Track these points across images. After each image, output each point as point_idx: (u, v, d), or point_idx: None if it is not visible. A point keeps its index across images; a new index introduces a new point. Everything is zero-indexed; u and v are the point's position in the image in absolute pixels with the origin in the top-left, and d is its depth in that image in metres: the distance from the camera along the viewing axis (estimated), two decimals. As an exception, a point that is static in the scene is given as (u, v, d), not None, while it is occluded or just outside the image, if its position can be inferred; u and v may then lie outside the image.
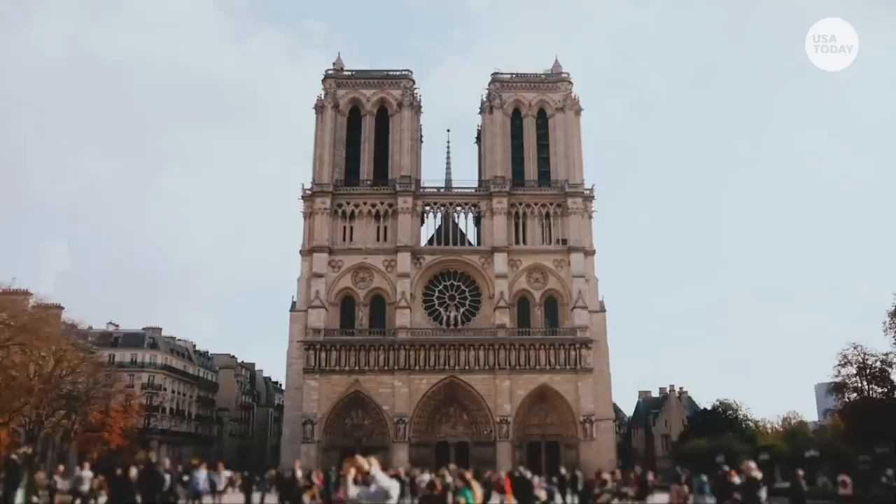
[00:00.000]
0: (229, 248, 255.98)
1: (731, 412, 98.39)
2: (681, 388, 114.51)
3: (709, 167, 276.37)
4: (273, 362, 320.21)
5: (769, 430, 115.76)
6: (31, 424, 61.13)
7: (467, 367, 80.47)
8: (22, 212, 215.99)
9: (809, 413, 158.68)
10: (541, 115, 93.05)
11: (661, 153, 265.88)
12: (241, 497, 39.43)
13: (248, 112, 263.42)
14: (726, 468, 29.48)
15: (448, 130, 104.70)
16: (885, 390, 62.58)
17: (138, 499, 26.36)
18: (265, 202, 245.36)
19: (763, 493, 24.59)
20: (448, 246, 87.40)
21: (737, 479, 26.29)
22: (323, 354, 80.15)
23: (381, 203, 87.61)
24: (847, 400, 65.38)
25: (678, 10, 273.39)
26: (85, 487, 33.09)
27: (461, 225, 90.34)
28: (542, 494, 34.72)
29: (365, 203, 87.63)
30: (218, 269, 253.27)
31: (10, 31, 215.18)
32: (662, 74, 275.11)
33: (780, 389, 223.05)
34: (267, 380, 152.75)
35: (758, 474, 24.35)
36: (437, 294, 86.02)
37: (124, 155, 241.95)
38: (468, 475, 19.78)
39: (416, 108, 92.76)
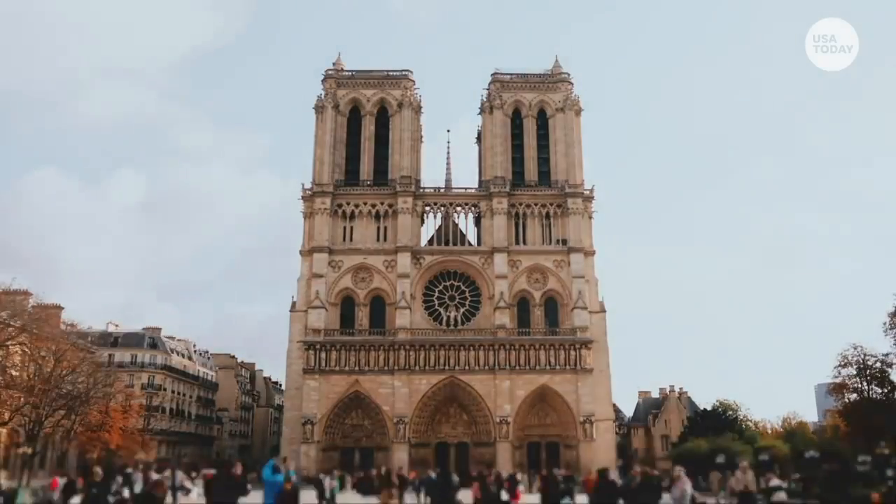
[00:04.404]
0: (230, 247, 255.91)
1: (730, 412, 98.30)
2: (681, 389, 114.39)
3: (709, 167, 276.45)
4: (273, 362, 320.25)
5: (769, 431, 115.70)
6: (31, 424, 61.03)
7: (467, 368, 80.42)
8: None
9: (809, 414, 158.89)
10: (541, 115, 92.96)
11: (661, 154, 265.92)
12: None
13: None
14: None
15: (448, 130, 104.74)
16: (885, 391, 62.52)
17: None
18: (266, 201, 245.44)
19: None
20: (448, 246, 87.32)
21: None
22: (323, 354, 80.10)
23: (381, 203, 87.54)
24: (847, 400, 65.32)
25: (678, 10, 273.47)
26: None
27: (461, 225, 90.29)
28: None
29: (365, 203, 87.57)
30: (218, 270, 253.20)
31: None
32: (663, 74, 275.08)
33: (780, 390, 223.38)
34: (267, 380, 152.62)
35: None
36: (437, 294, 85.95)
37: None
38: None
39: (416, 108, 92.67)
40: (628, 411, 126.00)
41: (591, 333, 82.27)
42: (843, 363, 63.54)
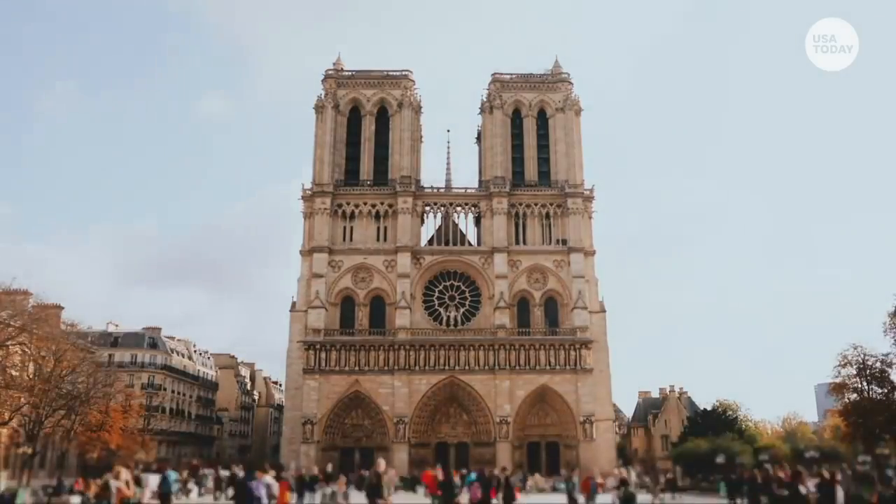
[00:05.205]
0: (229, 247, 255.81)
1: (730, 412, 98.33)
2: (681, 389, 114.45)
3: (709, 167, 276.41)
4: (273, 362, 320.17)
5: (769, 431, 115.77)
6: (30, 424, 60.99)
7: (467, 368, 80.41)
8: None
9: (809, 413, 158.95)
10: (541, 115, 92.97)
11: (661, 154, 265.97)
12: None
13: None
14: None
15: (448, 130, 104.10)
16: (885, 391, 62.37)
17: None
18: (266, 201, 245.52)
19: None
20: (448, 246, 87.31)
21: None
22: (323, 354, 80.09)
23: (381, 203, 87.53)
24: (847, 400, 65.17)
25: (678, 10, 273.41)
26: None
27: (461, 225, 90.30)
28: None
29: (365, 203, 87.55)
30: (218, 269, 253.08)
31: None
32: (662, 74, 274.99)
33: (780, 390, 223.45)
34: (267, 380, 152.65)
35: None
36: (437, 294, 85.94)
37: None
38: None
39: (416, 108, 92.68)
40: (628, 411, 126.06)
41: (591, 333, 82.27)
42: (843, 363, 63.34)
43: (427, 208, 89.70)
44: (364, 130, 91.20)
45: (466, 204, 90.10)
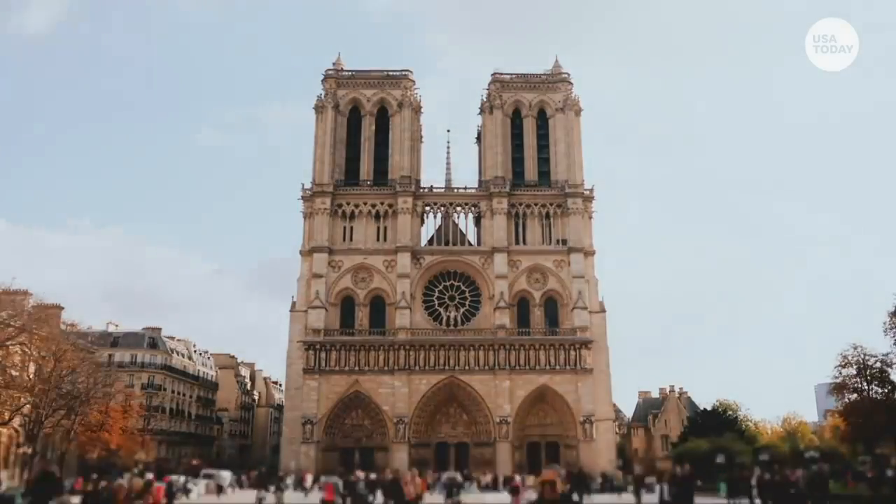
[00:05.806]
0: (229, 247, 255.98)
1: (730, 412, 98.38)
2: (681, 389, 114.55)
3: (709, 167, 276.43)
4: (273, 362, 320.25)
5: (769, 431, 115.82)
6: (30, 424, 61.00)
7: (467, 368, 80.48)
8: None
9: (809, 414, 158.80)
10: (541, 115, 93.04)
11: (661, 154, 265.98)
12: None
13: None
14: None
15: (448, 130, 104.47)
16: (886, 391, 62.41)
17: None
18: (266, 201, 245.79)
19: None
20: (448, 246, 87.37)
21: None
22: (323, 354, 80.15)
23: (381, 203, 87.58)
24: (847, 400, 65.21)
25: (679, 10, 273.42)
26: None
27: (461, 225, 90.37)
28: None
29: (365, 203, 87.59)
30: (218, 269, 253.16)
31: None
32: (662, 74, 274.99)
33: (780, 390, 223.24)
34: (267, 380, 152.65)
35: None
36: (437, 294, 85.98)
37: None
38: None
39: (416, 108, 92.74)
40: (628, 411, 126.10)
41: (590, 333, 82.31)
42: (843, 363, 63.38)
43: (427, 208, 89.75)
44: (364, 130, 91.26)
45: (466, 204, 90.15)
